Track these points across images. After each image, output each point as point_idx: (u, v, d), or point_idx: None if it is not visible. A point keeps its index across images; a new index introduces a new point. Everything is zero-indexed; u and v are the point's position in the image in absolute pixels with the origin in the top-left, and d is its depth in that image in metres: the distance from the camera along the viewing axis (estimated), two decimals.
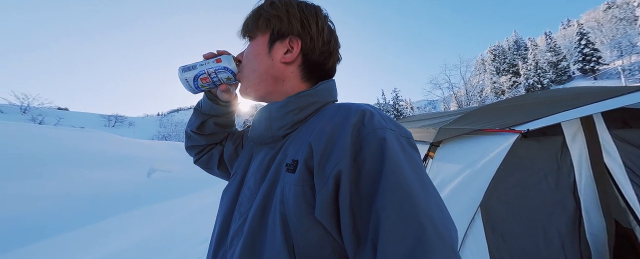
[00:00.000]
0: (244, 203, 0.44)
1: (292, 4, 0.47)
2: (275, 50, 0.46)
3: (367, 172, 0.32)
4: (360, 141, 0.34)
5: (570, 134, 1.39)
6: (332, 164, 0.33)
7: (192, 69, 0.51)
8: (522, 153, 1.31)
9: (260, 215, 0.39)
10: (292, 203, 0.35)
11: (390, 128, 0.36)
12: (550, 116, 1.04)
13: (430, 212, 0.29)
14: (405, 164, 0.32)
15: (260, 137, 0.47)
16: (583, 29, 32.54)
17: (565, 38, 42.66)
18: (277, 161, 0.42)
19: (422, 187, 0.31)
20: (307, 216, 0.34)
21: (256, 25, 0.47)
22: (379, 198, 0.30)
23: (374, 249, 0.28)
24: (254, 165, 0.47)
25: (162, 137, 32.87)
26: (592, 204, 1.33)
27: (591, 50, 31.89)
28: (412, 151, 0.36)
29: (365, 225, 0.30)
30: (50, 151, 4.36)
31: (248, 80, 0.49)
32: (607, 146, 1.33)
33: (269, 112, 0.46)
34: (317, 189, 0.34)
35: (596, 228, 1.30)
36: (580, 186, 1.34)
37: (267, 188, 0.40)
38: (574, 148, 1.38)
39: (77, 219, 3.28)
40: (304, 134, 0.41)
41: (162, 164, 6.30)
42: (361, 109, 0.38)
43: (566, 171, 1.35)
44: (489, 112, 1.40)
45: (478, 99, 25.08)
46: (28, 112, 24.69)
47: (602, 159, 1.32)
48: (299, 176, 0.36)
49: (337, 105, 0.43)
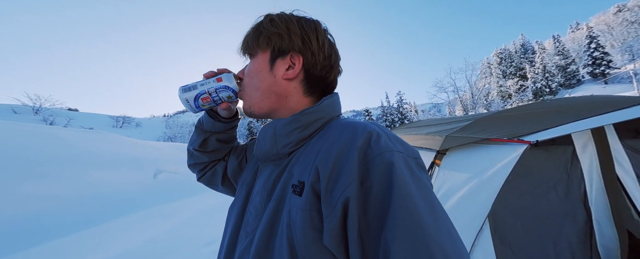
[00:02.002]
0: (250, 222, 0.44)
1: (292, 20, 0.47)
2: (277, 67, 0.46)
3: (375, 198, 0.31)
4: (366, 165, 0.34)
5: (580, 144, 1.37)
6: (339, 190, 0.33)
7: (193, 89, 0.51)
8: (531, 162, 1.29)
9: (267, 237, 0.38)
10: (299, 228, 0.35)
11: (398, 150, 0.35)
12: (560, 126, 1.03)
13: (442, 242, 0.28)
14: (414, 190, 0.31)
15: (265, 154, 0.47)
16: (593, 32, 31.98)
17: (574, 41, 41.87)
18: (283, 181, 0.42)
19: (432, 214, 0.30)
20: (314, 242, 0.34)
21: (257, 43, 0.47)
22: (387, 227, 0.29)
23: None
24: (259, 182, 0.47)
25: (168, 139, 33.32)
26: (603, 215, 1.30)
27: (601, 54, 31.26)
28: (420, 173, 0.35)
29: (375, 254, 0.29)
30: (61, 152, 4.47)
31: (251, 98, 0.49)
32: (618, 156, 1.31)
33: (273, 130, 0.45)
34: (325, 215, 0.33)
35: (608, 239, 1.27)
36: (591, 197, 1.31)
37: (273, 209, 0.40)
38: (584, 158, 1.35)
39: (86, 220, 3.35)
40: (310, 153, 0.41)
41: (168, 166, 6.38)
42: (368, 130, 0.37)
43: (576, 181, 1.33)
44: (497, 121, 1.40)
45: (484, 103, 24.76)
46: (40, 113, 25.39)
47: (613, 170, 1.30)
48: (305, 200, 0.36)
49: (342, 124, 0.42)
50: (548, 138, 1.01)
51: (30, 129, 5.04)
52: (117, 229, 3.35)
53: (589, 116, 1.07)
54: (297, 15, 0.48)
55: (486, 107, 26.50)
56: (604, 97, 1.35)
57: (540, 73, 34.34)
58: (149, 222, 3.78)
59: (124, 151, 6.02)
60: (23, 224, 2.96)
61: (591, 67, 31.80)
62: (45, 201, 3.33)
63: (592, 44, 31.64)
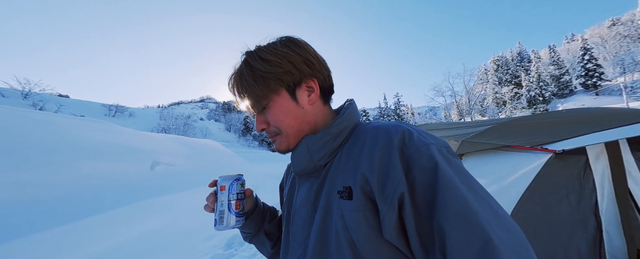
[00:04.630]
0: (298, 233, 0.47)
1: (284, 50, 0.46)
2: (300, 98, 0.48)
3: (421, 188, 0.35)
4: (407, 161, 0.37)
5: (593, 154, 1.39)
6: (391, 188, 0.36)
7: (224, 214, 0.53)
8: (544, 170, 1.31)
9: (320, 242, 0.42)
10: (356, 229, 0.38)
11: (431, 142, 0.39)
12: (587, 135, 1.04)
13: (487, 220, 0.31)
14: (454, 176, 0.35)
15: (304, 170, 0.49)
16: (587, 44, 32.75)
17: (569, 52, 42.84)
18: (326, 190, 0.44)
19: (474, 196, 0.34)
20: (374, 238, 0.38)
21: (269, 90, 0.46)
22: (438, 211, 0.33)
23: (443, 256, 0.32)
24: (300, 196, 0.50)
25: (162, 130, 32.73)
26: (613, 225, 1.33)
27: (594, 66, 32.09)
28: (454, 160, 0.39)
29: (430, 236, 0.33)
30: (56, 140, 4.33)
31: (289, 137, 0.49)
32: (630, 168, 1.34)
33: (307, 147, 0.48)
34: (383, 213, 0.37)
35: (616, 249, 1.30)
36: (601, 207, 1.34)
37: (322, 216, 0.43)
38: (596, 169, 1.38)
39: (82, 210, 3.26)
40: (347, 160, 0.44)
41: (165, 158, 6.27)
42: (400, 129, 0.40)
43: (588, 191, 1.35)
44: (514, 128, 1.41)
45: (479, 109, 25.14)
46: (29, 97, 24.53)
47: (625, 181, 1.32)
48: (357, 203, 0.39)
49: (372, 127, 0.44)
50: (573, 147, 1.02)
51: (20, 114, 4.86)
52: (114, 220, 3.28)
53: (612, 126, 1.08)
54: (282, 43, 0.48)
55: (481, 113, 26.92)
56: (619, 109, 1.37)
57: (534, 82, 35.05)
58: (147, 214, 3.71)
59: (120, 141, 5.87)
60: (14, 213, 2.86)
61: (584, 79, 32.62)
62: (38, 190, 3.23)
63: (585, 56, 32.41)
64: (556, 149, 1.03)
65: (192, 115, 58.35)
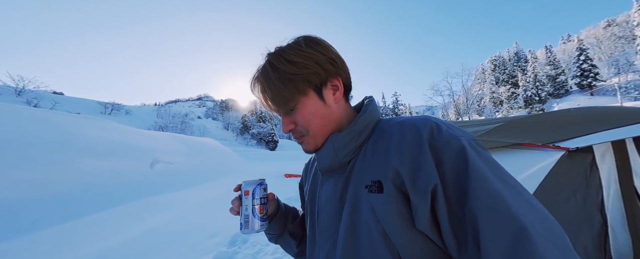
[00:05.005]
0: (326, 228, 0.48)
1: (310, 50, 0.46)
2: (327, 97, 0.48)
3: (453, 181, 0.36)
4: (437, 154, 0.38)
5: (599, 153, 1.41)
6: (423, 181, 0.37)
7: (249, 219, 0.54)
8: (556, 168, 1.32)
9: (350, 235, 0.43)
10: (388, 221, 0.39)
11: (460, 135, 0.39)
12: (599, 133, 1.06)
13: (519, 208, 0.32)
14: (485, 168, 0.36)
15: (329, 167, 0.49)
16: (583, 45, 33.12)
17: (565, 53, 43.26)
18: (352, 185, 0.45)
19: (505, 186, 0.34)
20: (406, 229, 0.39)
21: (298, 92, 0.46)
22: (471, 202, 0.33)
23: (476, 245, 0.32)
24: (325, 192, 0.50)
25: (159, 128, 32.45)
26: (618, 222, 1.36)
27: (589, 66, 32.49)
28: (484, 152, 0.39)
29: (463, 226, 0.34)
30: (55, 138, 4.27)
31: (316, 138, 0.49)
32: (636, 167, 1.36)
33: (332, 144, 0.48)
34: (415, 204, 0.38)
35: (622, 245, 1.33)
36: (607, 204, 1.36)
37: (351, 210, 0.44)
38: (603, 167, 1.40)
39: (82, 208, 3.23)
40: (373, 155, 0.44)
41: (164, 156, 6.22)
42: (428, 123, 0.41)
43: (595, 189, 1.37)
44: (522, 126, 1.42)
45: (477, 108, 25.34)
46: (23, 94, 24.13)
47: (631, 180, 1.35)
48: (388, 196, 0.40)
49: (398, 123, 0.45)
50: (586, 145, 1.03)
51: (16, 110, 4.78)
52: (116, 219, 3.25)
53: (620, 125, 1.10)
54: (306, 43, 0.47)
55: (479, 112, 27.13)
56: (625, 108, 1.39)
57: (531, 82, 35.38)
58: (149, 212, 3.69)
59: (119, 139, 5.81)
60: (14, 211, 2.82)
61: (579, 79, 33.02)
62: (38, 188, 3.19)
63: (581, 56, 32.79)
64: (569, 147, 1.04)
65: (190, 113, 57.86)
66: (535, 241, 0.29)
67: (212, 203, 4.85)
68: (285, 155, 30.06)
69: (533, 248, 0.29)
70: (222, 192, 5.84)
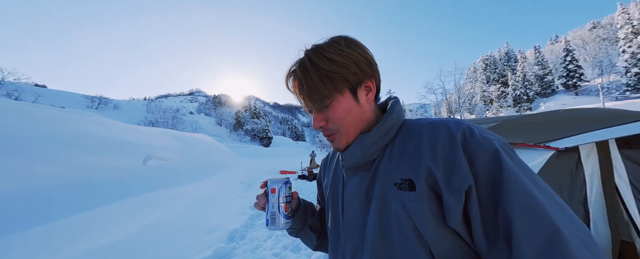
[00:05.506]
0: (352, 223, 0.50)
1: (349, 50, 0.47)
2: (360, 97, 0.49)
3: (487, 182, 0.38)
4: (470, 156, 0.39)
5: (585, 152, 1.51)
6: (458, 181, 0.38)
7: (275, 216, 0.57)
8: (546, 167, 1.41)
9: (379, 230, 0.45)
10: (420, 217, 0.41)
11: (492, 139, 0.41)
12: (586, 133, 1.13)
13: (554, 211, 0.34)
14: (518, 171, 0.37)
15: (355, 164, 0.51)
16: (569, 46, 34.21)
17: (553, 53, 44.57)
18: (379, 182, 0.47)
19: (538, 189, 0.36)
20: (438, 226, 0.40)
21: (335, 89, 0.47)
22: (504, 203, 0.35)
23: (507, 244, 0.34)
24: (350, 188, 0.52)
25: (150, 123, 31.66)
26: (599, 215, 1.46)
27: (575, 67, 33.66)
28: (515, 156, 0.41)
29: (495, 226, 0.36)
30: (43, 132, 4.13)
31: (348, 136, 0.51)
32: (617, 164, 1.46)
33: (360, 143, 0.50)
34: (449, 203, 0.39)
35: (602, 237, 1.44)
36: (590, 199, 1.46)
37: (379, 206, 0.45)
38: (587, 165, 1.50)
39: (76, 205, 3.16)
40: (401, 154, 0.46)
41: (158, 152, 6.11)
42: (461, 126, 0.42)
43: (579, 185, 1.47)
44: (515, 126, 1.50)
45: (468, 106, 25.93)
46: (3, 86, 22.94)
47: (612, 177, 1.45)
48: (420, 194, 0.41)
49: (427, 124, 0.46)
50: (573, 145, 1.11)
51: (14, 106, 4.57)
52: (111, 215, 3.20)
53: (604, 126, 1.18)
54: (346, 43, 0.48)
55: (470, 110, 27.77)
56: (609, 110, 1.48)
57: (520, 81, 36.39)
58: (145, 209, 3.65)
59: (109, 134, 5.66)
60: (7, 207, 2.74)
61: (565, 79, 34.20)
62: (28, 183, 3.09)
63: (568, 57, 33.91)
64: (559, 147, 1.12)
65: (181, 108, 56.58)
66: (569, 243, 0.31)
67: (209, 200, 4.84)
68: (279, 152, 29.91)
69: (567, 249, 0.31)
70: (218, 189, 5.82)
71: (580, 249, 0.31)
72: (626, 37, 27.05)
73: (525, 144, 1.22)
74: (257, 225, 3.59)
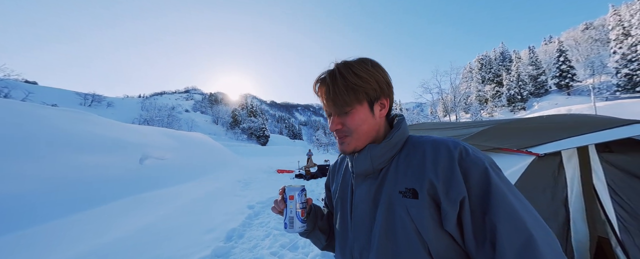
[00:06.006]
0: (360, 224, 0.57)
1: (373, 70, 0.56)
2: (375, 111, 0.58)
3: (477, 195, 0.45)
4: (465, 173, 0.47)
5: (566, 156, 1.60)
6: (455, 193, 0.46)
7: (293, 220, 0.64)
8: (528, 170, 1.49)
9: (385, 231, 0.52)
10: (421, 221, 0.48)
11: (483, 158, 0.49)
12: (564, 139, 1.21)
13: (530, 221, 0.42)
14: (503, 187, 0.45)
15: (364, 171, 0.58)
16: (562, 47, 34.74)
17: (546, 54, 45.21)
18: (386, 189, 0.54)
19: (519, 202, 0.44)
20: (436, 229, 0.48)
21: (356, 99, 0.55)
22: (491, 213, 0.43)
23: (492, 247, 0.42)
24: (359, 194, 0.59)
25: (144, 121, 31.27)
26: (578, 215, 1.56)
27: (568, 67, 34.24)
28: (501, 173, 0.49)
29: (482, 231, 0.44)
30: (41, 132, 4.10)
31: (358, 141, 0.58)
32: (595, 167, 1.56)
33: (369, 153, 0.57)
34: (446, 210, 0.47)
35: (581, 235, 1.54)
36: (571, 200, 1.56)
37: (386, 211, 0.53)
38: (568, 167, 1.59)
39: (72, 205, 3.17)
40: (407, 166, 0.53)
41: (154, 151, 6.10)
42: (459, 147, 0.50)
43: (561, 187, 1.56)
44: (503, 132, 1.58)
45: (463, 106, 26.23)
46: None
47: (591, 179, 1.55)
48: (422, 201, 0.49)
49: (430, 141, 0.54)
50: (554, 151, 1.19)
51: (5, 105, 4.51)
52: (109, 215, 3.22)
53: (584, 132, 1.27)
54: (371, 64, 0.57)
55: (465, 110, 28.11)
56: (589, 116, 1.57)
57: (514, 81, 36.90)
58: (142, 208, 3.67)
59: (104, 133, 5.62)
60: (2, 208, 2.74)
61: (558, 79, 34.80)
62: (24, 183, 3.09)
63: (561, 57, 34.47)
64: (539, 153, 1.19)
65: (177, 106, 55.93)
66: (540, 246, 0.40)
67: (207, 199, 4.87)
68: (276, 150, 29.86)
69: (539, 251, 0.39)
70: (216, 188, 5.84)
71: (547, 251, 0.40)
72: (617, 39, 27.61)
73: (510, 149, 1.30)
74: (255, 224, 3.64)
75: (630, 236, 1.48)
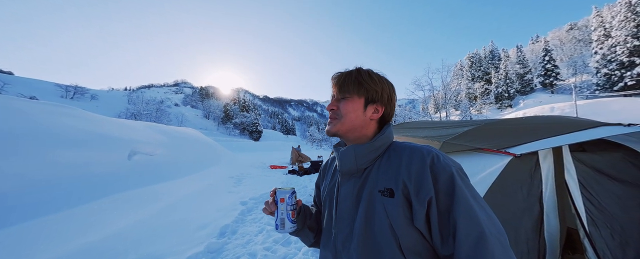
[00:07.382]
0: (344, 218, 0.65)
1: (384, 80, 0.67)
2: (368, 110, 0.66)
3: (443, 196, 0.53)
4: (435, 176, 0.54)
5: (542, 154, 1.71)
6: (424, 194, 0.54)
7: (284, 221, 0.69)
8: (506, 169, 1.59)
9: (364, 225, 0.60)
10: (396, 218, 0.56)
11: (452, 164, 0.56)
12: (541, 140, 1.31)
13: (484, 219, 0.50)
14: (466, 190, 0.53)
15: (349, 170, 0.66)
16: (548, 46, 35.90)
17: (533, 52, 46.59)
18: (368, 188, 0.62)
19: (477, 203, 0.52)
20: (407, 225, 0.55)
21: (356, 90, 0.65)
22: (454, 211, 0.51)
23: (453, 240, 0.50)
24: (344, 191, 0.66)
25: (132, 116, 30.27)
26: (551, 210, 1.69)
27: (552, 66, 35.51)
28: (465, 178, 0.56)
29: (446, 227, 0.52)
30: (25, 127, 3.93)
31: (343, 126, 0.66)
32: (568, 165, 1.68)
33: (354, 152, 0.64)
34: (416, 209, 0.54)
35: (553, 228, 1.67)
36: (545, 196, 1.68)
37: (366, 207, 0.60)
38: (544, 166, 1.70)
39: (60, 202, 3.09)
40: (387, 168, 0.60)
41: (143, 147, 5.96)
42: (432, 153, 0.57)
43: (537, 184, 1.68)
44: (486, 132, 1.67)
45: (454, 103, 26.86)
46: None
47: (563, 176, 1.67)
48: (397, 200, 0.56)
49: (409, 147, 0.61)
50: (531, 151, 1.28)
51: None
52: (98, 212, 3.17)
53: (559, 133, 1.36)
54: (383, 76, 0.68)
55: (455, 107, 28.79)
56: (564, 118, 1.68)
57: (502, 79, 37.98)
58: (132, 205, 3.62)
59: (91, 128, 5.44)
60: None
61: (543, 78, 36.09)
62: (15, 181, 2.98)
63: (546, 57, 35.66)
64: (516, 153, 1.28)
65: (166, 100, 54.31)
66: (489, 240, 0.48)
67: (199, 195, 4.85)
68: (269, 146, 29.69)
69: (488, 244, 0.47)
70: (208, 184, 5.81)
71: (495, 244, 0.48)
72: (598, 39, 28.76)
73: (490, 150, 1.38)
74: (248, 220, 3.68)
75: (597, 228, 1.62)
